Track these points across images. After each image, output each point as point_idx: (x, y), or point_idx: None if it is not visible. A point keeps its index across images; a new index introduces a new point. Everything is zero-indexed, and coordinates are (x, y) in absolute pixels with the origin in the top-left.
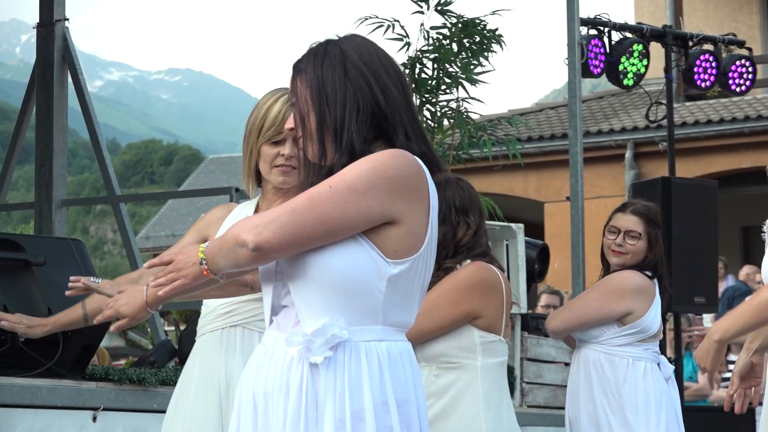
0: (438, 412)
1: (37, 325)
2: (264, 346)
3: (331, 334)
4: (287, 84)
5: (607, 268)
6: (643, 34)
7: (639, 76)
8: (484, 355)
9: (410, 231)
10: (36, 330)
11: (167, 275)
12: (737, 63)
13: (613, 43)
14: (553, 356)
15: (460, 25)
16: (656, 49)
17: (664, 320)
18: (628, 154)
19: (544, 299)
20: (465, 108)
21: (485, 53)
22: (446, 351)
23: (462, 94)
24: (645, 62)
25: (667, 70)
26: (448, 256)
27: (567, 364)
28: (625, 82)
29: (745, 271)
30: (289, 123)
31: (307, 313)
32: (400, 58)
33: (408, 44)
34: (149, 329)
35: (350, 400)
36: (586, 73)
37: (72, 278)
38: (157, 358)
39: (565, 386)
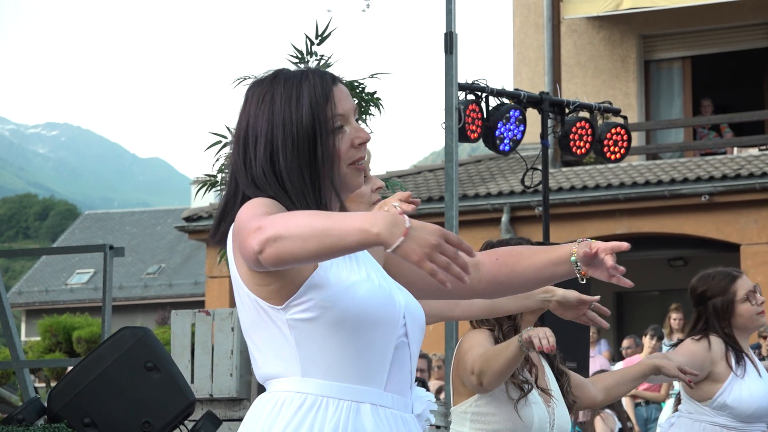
0: None
1: None
2: None
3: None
4: (158, 142)
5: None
6: (520, 101)
7: (515, 142)
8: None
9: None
10: None
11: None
12: (612, 131)
13: (490, 108)
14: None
15: None
16: (534, 115)
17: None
18: (504, 218)
19: None
20: None
21: (363, 116)
22: None
23: None
24: (521, 128)
25: (543, 136)
26: None
27: (438, 427)
28: (502, 147)
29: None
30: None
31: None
32: None
33: None
34: (19, 386)
35: None
36: (463, 137)
37: None
38: (25, 416)
39: None
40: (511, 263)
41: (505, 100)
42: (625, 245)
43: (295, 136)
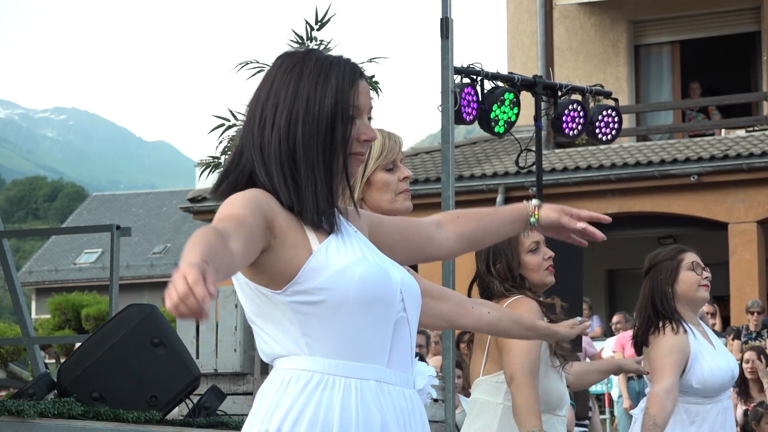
0: None
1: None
2: None
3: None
4: (163, 125)
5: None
6: (514, 84)
7: (510, 124)
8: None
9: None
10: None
11: None
12: (604, 113)
13: (485, 91)
14: None
15: None
16: (527, 98)
17: None
18: (499, 198)
19: None
20: None
21: None
22: None
23: None
24: (515, 110)
25: (537, 118)
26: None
27: (435, 400)
28: (496, 129)
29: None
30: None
31: None
32: None
33: None
34: (29, 362)
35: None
36: (459, 120)
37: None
38: (35, 391)
39: (434, 421)
40: (474, 219)
41: (500, 84)
42: (604, 218)
43: (316, 114)
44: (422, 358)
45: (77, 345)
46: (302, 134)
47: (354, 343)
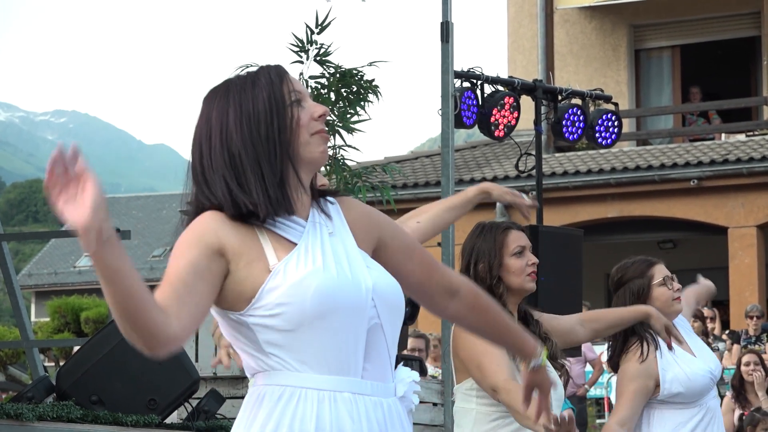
0: None
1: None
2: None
3: None
4: (163, 128)
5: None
6: (515, 88)
7: (510, 128)
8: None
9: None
10: None
11: None
12: (604, 117)
13: (485, 95)
14: (422, 396)
15: (338, 75)
16: (527, 102)
17: None
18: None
19: (409, 343)
20: (341, 155)
21: (362, 103)
22: None
23: (339, 141)
24: (516, 114)
25: (537, 122)
26: None
27: (435, 404)
28: (496, 133)
29: None
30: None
31: None
32: None
33: None
34: (29, 365)
35: None
36: (459, 124)
37: None
38: (34, 394)
39: (434, 425)
40: (490, 319)
41: (500, 88)
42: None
43: (250, 113)
44: (422, 363)
45: (76, 348)
46: (240, 137)
47: (324, 356)
